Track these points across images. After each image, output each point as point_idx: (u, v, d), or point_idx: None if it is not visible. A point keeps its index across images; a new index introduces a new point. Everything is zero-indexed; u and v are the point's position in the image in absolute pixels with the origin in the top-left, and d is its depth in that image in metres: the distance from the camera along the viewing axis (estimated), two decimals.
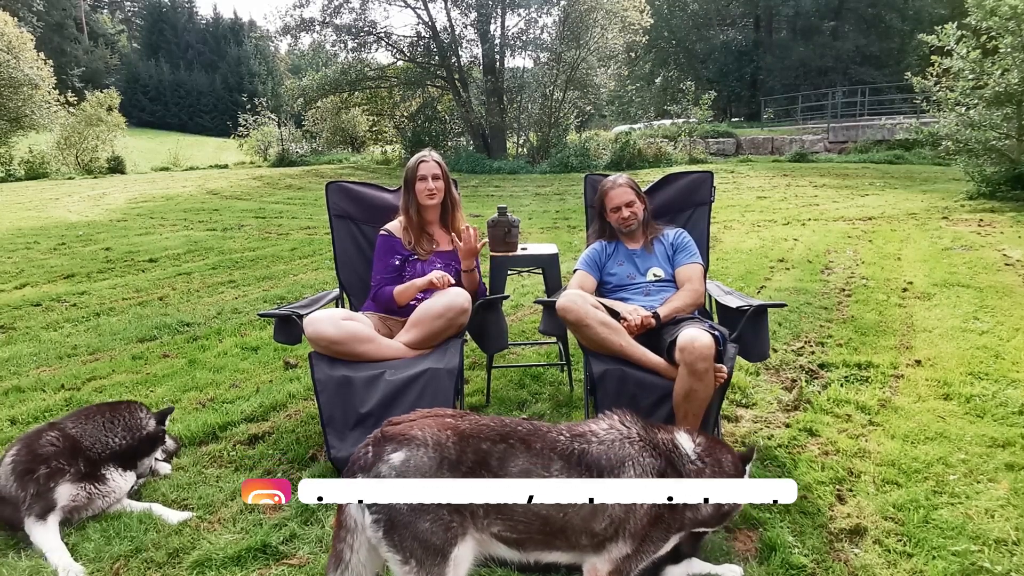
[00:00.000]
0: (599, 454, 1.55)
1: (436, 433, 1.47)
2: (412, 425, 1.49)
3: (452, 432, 1.48)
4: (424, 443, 1.44)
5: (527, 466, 1.49)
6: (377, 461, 1.42)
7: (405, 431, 1.47)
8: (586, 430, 1.61)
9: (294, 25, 19.13)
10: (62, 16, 45.72)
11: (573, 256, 5.51)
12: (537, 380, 3.34)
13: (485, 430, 1.52)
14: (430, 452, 1.43)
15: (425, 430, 1.47)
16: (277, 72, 41.12)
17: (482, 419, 1.56)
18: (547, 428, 1.60)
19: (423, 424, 1.49)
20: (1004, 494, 2.17)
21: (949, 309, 4.29)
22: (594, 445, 1.56)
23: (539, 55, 19.25)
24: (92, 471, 2.10)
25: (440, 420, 1.52)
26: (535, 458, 1.50)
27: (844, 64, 28.27)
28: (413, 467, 1.41)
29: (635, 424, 1.66)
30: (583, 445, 1.56)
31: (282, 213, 10.73)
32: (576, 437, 1.58)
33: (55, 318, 4.68)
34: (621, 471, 1.55)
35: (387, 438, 1.46)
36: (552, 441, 1.55)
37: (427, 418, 1.53)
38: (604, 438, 1.59)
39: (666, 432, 1.70)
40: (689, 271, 2.73)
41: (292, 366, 3.59)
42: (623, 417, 1.67)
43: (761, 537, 1.97)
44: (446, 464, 1.43)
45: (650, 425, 1.69)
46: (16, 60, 18.71)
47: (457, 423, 1.52)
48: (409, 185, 2.85)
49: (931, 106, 10.18)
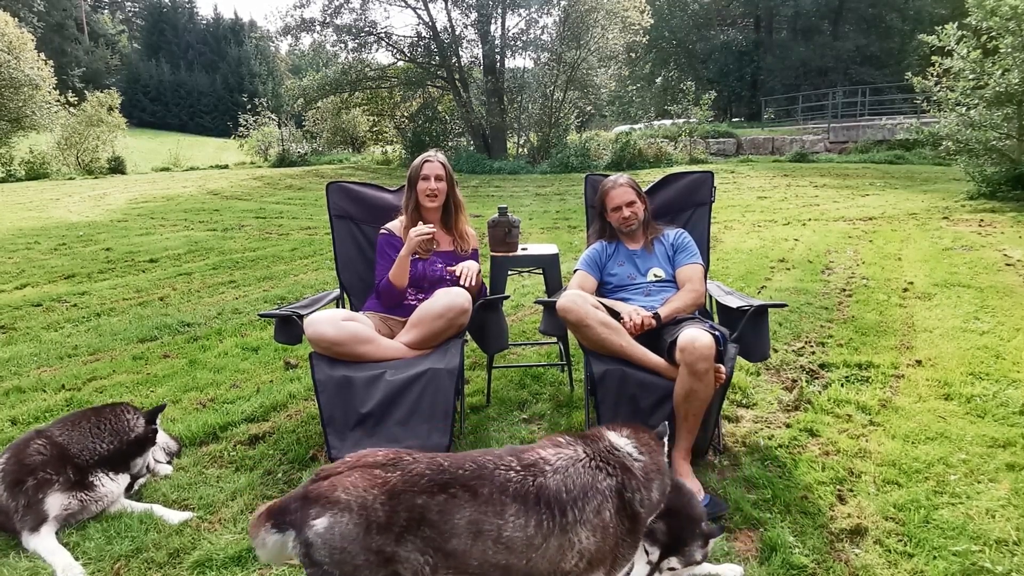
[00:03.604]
0: (557, 487, 1.43)
1: (361, 494, 1.33)
2: (336, 484, 1.35)
3: (379, 490, 1.34)
4: (348, 507, 1.31)
5: (475, 516, 1.35)
6: (303, 525, 1.31)
7: (328, 492, 1.34)
8: (536, 458, 1.48)
9: (294, 25, 19.15)
10: (62, 16, 45.74)
11: (573, 256, 5.51)
12: (537, 380, 3.34)
13: (420, 481, 1.37)
14: (354, 518, 1.30)
15: (350, 491, 1.33)
16: (277, 72, 41.20)
17: (417, 465, 1.40)
18: (493, 464, 1.44)
19: (348, 482, 1.35)
20: (1005, 494, 2.17)
21: (950, 309, 4.28)
22: (549, 476, 1.44)
23: (539, 55, 19.25)
24: (82, 478, 2.08)
25: (368, 475, 1.37)
26: (484, 506, 1.36)
27: (844, 64, 28.26)
28: (338, 535, 1.29)
29: (576, 443, 1.56)
30: (539, 478, 1.43)
31: (282, 213, 10.73)
32: (528, 468, 1.45)
33: (56, 318, 4.68)
34: (585, 500, 1.44)
35: (311, 499, 1.34)
36: (502, 482, 1.40)
37: (354, 471, 1.38)
38: (557, 465, 1.47)
39: (599, 440, 1.60)
40: (689, 271, 2.73)
41: (292, 366, 3.59)
42: (560, 437, 1.59)
43: (762, 537, 1.97)
44: (374, 527, 1.30)
45: (586, 437, 1.60)
46: (17, 60, 18.70)
47: (387, 476, 1.37)
48: (412, 184, 2.86)
49: (931, 106, 10.17)
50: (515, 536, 1.37)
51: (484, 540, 1.36)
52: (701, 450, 2.45)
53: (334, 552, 1.29)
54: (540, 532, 1.39)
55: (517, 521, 1.38)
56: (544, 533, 1.39)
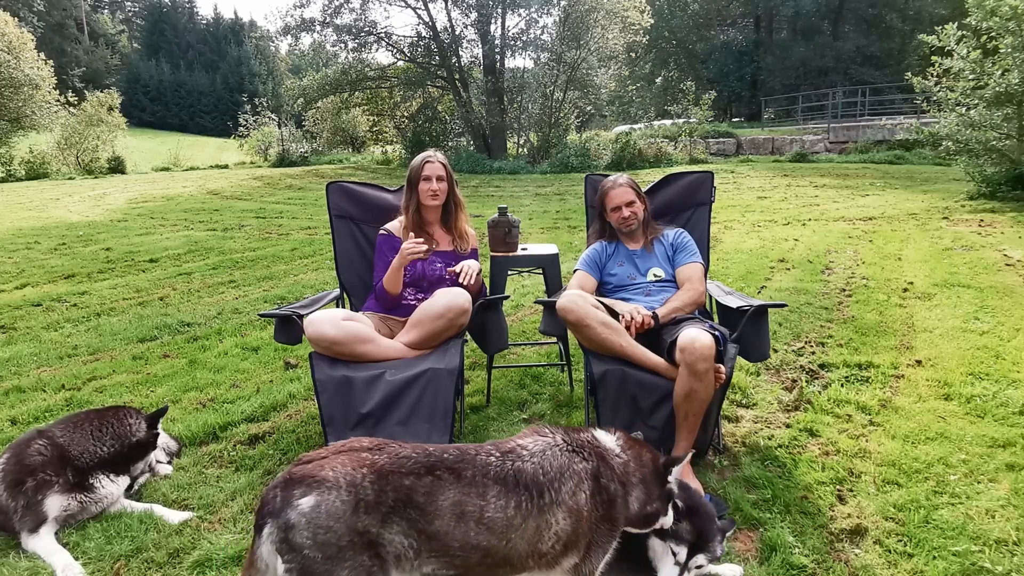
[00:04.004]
0: (534, 470, 1.49)
1: (350, 472, 1.34)
2: (323, 464, 1.36)
3: (368, 469, 1.36)
4: (336, 485, 1.31)
5: (459, 497, 1.39)
6: (286, 506, 1.29)
7: (315, 472, 1.34)
8: (514, 445, 1.55)
9: (294, 25, 19.17)
10: (62, 16, 45.73)
11: (573, 256, 5.51)
12: (537, 380, 3.34)
13: (407, 464, 1.40)
14: (343, 495, 1.30)
15: (337, 469, 1.34)
16: (277, 72, 41.21)
17: (403, 450, 1.45)
18: (475, 450, 1.51)
19: (335, 462, 1.36)
20: (1004, 494, 2.17)
21: (950, 309, 4.28)
22: (526, 461, 1.50)
23: (539, 55, 19.28)
24: (82, 480, 2.07)
25: (355, 456, 1.39)
26: (468, 487, 1.41)
27: (844, 64, 28.25)
28: (325, 513, 1.28)
29: (556, 431, 1.62)
30: (516, 463, 1.49)
31: (282, 213, 10.73)
32: (507, 455, 1.51)
33: (55, 318, 4.68)
34: (560, 482, 1.49)
35: (295, 480, 1.33)
36: (483, 465, 1.46)
37: (340, 454, 1.40)
38: (533, 450, 1.53)
39: (584, 432, 1.66)
40: (689, 271, 2.73)
41: (292, 366, 3.59)
42: (542, 427, 1.64)
43: (762, 537, 1.97)
44: (363, 507, 1.31)
45: (569, 429, 1.66)
46: (16, 60, 18.71)
47: (375, 458, 1.39)
48: (412, 184, 2.85)
49: (931, 106, 10.18)
50: (496, 517, 1.41)
51: (467, 521, 1.39)
52: (701, 450, 2.45)
53: (318, 532, 1.28)
54: (519, 513, 1.43)
55: (498, 502, 1.42)
56: (523, 514, 1.44)
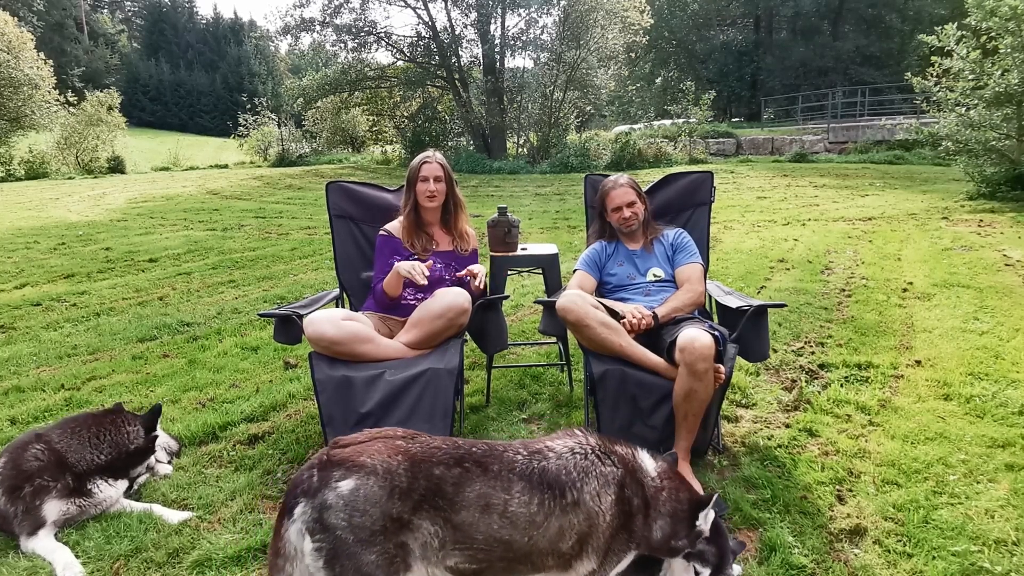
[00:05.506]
0: (558, 470, 1.50)
1: (386, 460, 1.39)
2: (361, 450, 1.41)
3: (403, 457, 1.40)
4: (374, 471, 1.36)
5: (485, 490, 1.43)
6: (323, 487, 1.33)
7: (354, 457, 1.38)
8: (543, 446, 1.57)
9: (294, 25, 19.17)
10: (62, 16, 45.70)
11: (573, 256, 5.51)
12: (537, 380, 3.34)
13: (438, 454, 1.44)
14: (380, 481, 1.35)
15: (375, 456, 1.39)
16: (277, 72, 41.14)
17: (434, 441, 1.49)
18: (503, 447, 1.54)
19: (372, 449, 1.41)
20: (1004, 494, 2.17)
21: (949, 309, 4.29)
22: (552, 461, 1.52)
23: (539, 55, 19.29)
24: (79, 485, 2.07)
25: (390, 444, 1.44)
26: (493, 481, 1.44)
27: (844, 64, 28.26)
28: (363, 497, 1.33)
29: (592, 436, 1.63)
30: (542, 463, 1.51)
31: (282, 213, 10.73)
32: (534, 454, 1.53)
33: (55, 318, 4.68)
34: (583, 483, 1.50)
35: (334, 463, 1.37)
36: (510, 461, 1.48)
37: (376, 441, 1.45)
38: (561, 452, 1.55)
39: (627, 446, 1.66)
40: (689, 271, 2.73)
41: (292, 366, 3.59)
42: (578, 432, 1.64)
43: (761, 537, 1.97)
44: (397, 493, 1.35)
45: (609, 439, 1.66)
46: (16, 60, 18.72)
47: (408, 446, 1.44)
48: (411, 185, 2.85)
49: (931, 106, 10.18)
50: (519, 512, 1.44)
51: (491, 514, 1.42)
52: (701, 450, 2.45)
53: (355, 515, 1.32)
54: (542, 510, 1.46)
55: (522, 498, 1.45)
56: (546, 512, 1.46)
